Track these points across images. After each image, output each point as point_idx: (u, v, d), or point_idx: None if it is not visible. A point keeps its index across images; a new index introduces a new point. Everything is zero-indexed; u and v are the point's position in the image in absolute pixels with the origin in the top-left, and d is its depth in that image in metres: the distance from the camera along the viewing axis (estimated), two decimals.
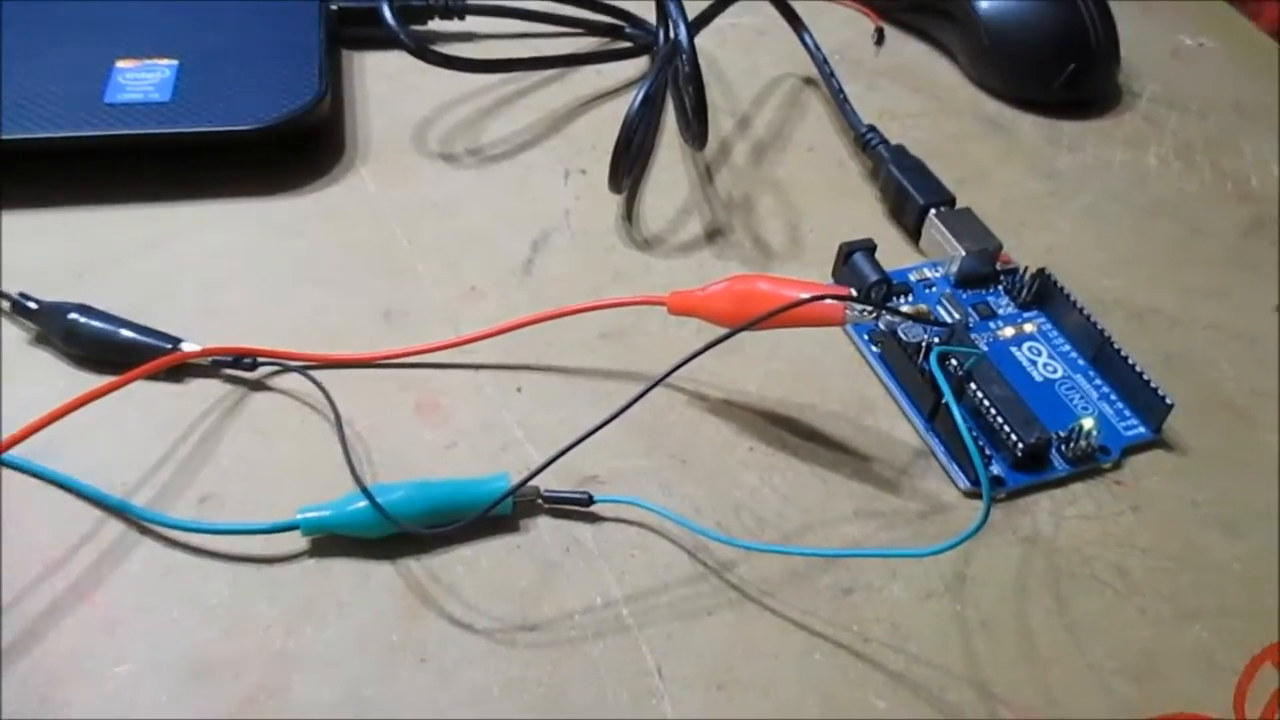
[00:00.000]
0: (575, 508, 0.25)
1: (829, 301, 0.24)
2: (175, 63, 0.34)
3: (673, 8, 0.32)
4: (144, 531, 0.24)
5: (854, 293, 0.24)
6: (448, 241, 0.32)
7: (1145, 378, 0.28)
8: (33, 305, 0.28)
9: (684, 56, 0.31)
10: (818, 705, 0.23)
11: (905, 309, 0.26)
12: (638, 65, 0.40)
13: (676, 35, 0.31)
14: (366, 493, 0.24)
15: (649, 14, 0.40)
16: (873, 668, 0.23)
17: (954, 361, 0.28)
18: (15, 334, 0.28)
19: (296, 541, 0.24)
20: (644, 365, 0.29)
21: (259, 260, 0.31)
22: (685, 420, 0.28)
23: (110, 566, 0.24)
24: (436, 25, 0.40)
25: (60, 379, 0.27)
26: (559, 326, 0.29)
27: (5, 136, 0.31)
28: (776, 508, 0.26)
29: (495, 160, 0.36)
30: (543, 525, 0.25)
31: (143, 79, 0.33)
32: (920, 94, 0.41)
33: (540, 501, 0.25)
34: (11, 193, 0.32)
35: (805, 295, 0.24)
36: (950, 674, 0.23)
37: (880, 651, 0.24)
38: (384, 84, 0.38)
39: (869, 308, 0.24)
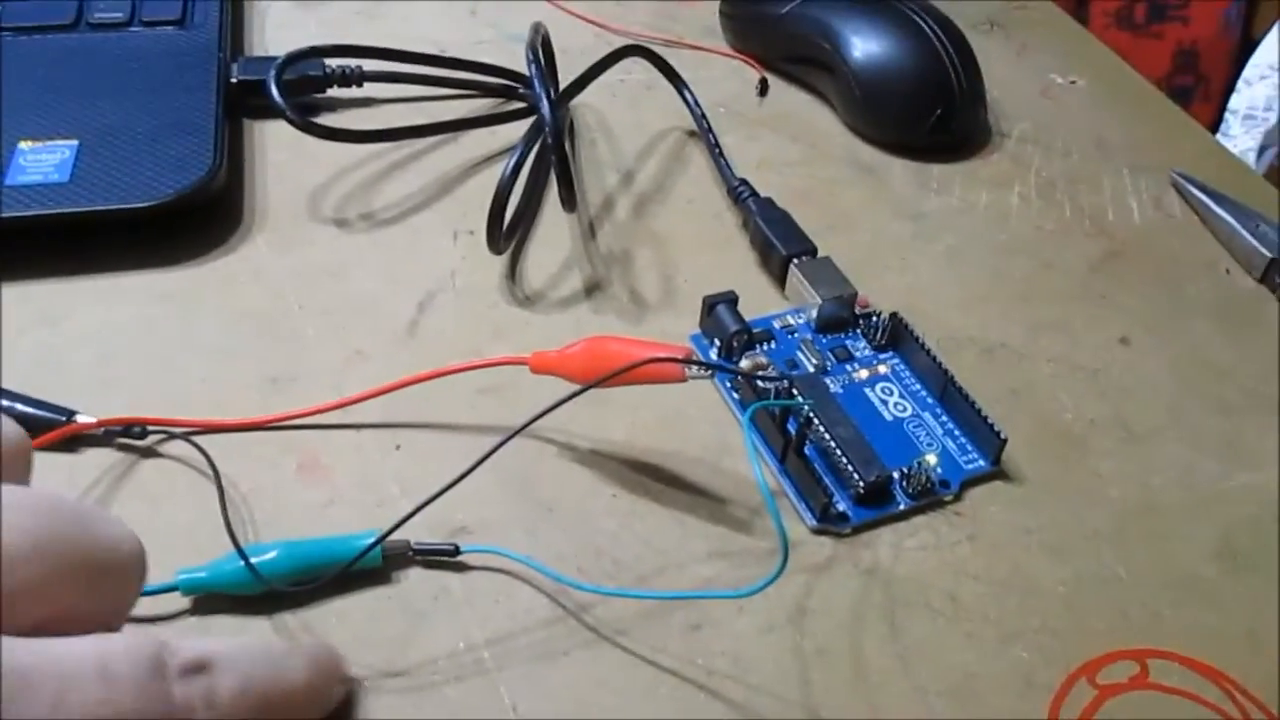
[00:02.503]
0: (443, 558, 0.27)
1: (667, 362, 0.26)
2: (75, 142, 0.36)
3: (537, 81, 0.34)
4: None
5: (691, 352, 0.26)
6: (337, 306, 0.34)
7: (982, 414, 0.31)
8: None
9: (548, 129, 0.33)
10: None
11: (745, 363, 0.28)
12: (529, 124, 0.42)
13: (539, 107, 0.33)
14: (240, 553, 0.25)
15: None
16: (713, 698, 0.25)
17: (806, 408, 0.30)
18: None
19: (178, 601, 0.26)
20: (518, 419, 0.31)
21: (152, 332, 0.33)
22: (553, 470, 0.30)
23: None
24: (336, 92, 0.42)
25: None
26: (437, 385, 0.31)
27: None
28: (635, 551, 0.28)
29: (387, 224, 0.38)
30: (413, 576, 0.27)
31: (43, 160, 0.35)
32: (799, 142, 0.43)
33: (410, 554, 0.27)
34: None
35: (646, 356, 0.26)
36: (785, 701, 0.25)
37: (722, 683, 0.26)
38: (283, 152, 0.40)
39: (706, 366, 0.26)
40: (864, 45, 0.43)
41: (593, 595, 0.27)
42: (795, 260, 0.35)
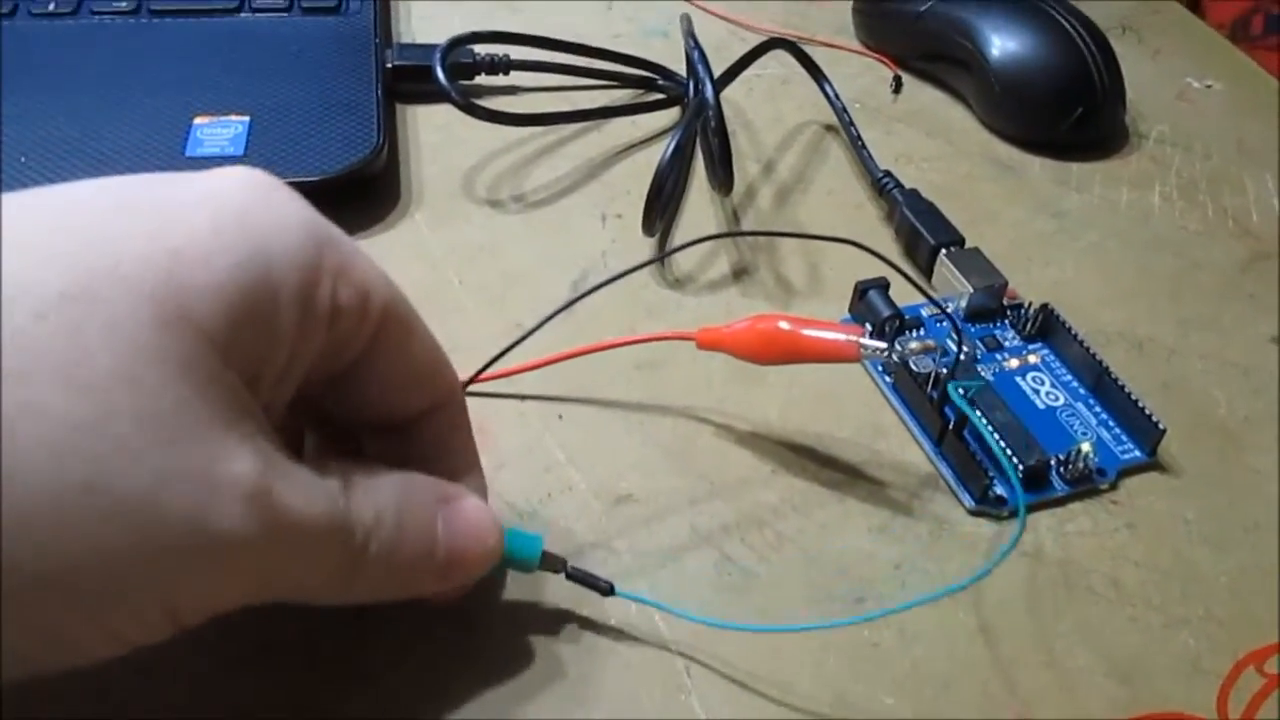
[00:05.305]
0: (594, 589, 0.25)
1: (846, 340, 0.27)
2: (247, 119, 0.37)
3: (700, 67, 0.34)
4: None
5: (865, 332, 0.27)
6: (494, 281, 0.35)
7: (1140, 404, 0.31)
8: None
9: (710, 111, 0.33)
10: (830, 702, 0.25)
11: (914, 344, 0.28)
12: (669, 115, 0.43)
13: (703, 91, 0.34)
14: None
15: (680, 66, 0.43)
16: (881, 668, 0.26)
17: (961, 390, 0.30)
18: None
19: None
20: (675, 394, 0.32)
21: None
22: (712, 444, 0.31)
23: None
24: (483, 80, 0.43)
25: None
26: (597, 359, 0.32)
27: None
28: (796, 524, 0.29)
29: (538, 206, 0.39)
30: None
31: (218, 134, 0.37)
32: (935, 138, 0.44)
33: (565, 573, 0.25)
34: None
35: (826, 335, 0.27)
36: (952, 675, 0.26)
37: (888, 654, 0.26)
38: (435, 135, 0.41)
39: (882, 345, 0.27)
40: (1003, 42, 0.43)
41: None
42: (945, 250, 0.35)
